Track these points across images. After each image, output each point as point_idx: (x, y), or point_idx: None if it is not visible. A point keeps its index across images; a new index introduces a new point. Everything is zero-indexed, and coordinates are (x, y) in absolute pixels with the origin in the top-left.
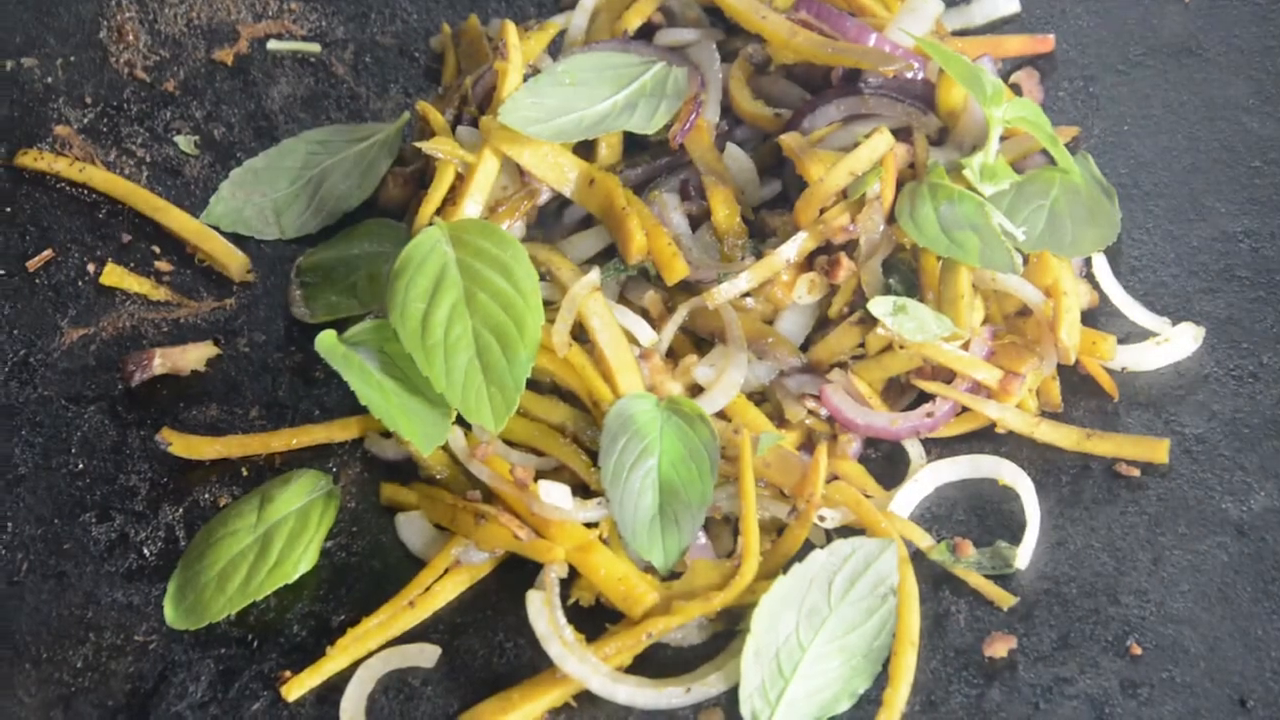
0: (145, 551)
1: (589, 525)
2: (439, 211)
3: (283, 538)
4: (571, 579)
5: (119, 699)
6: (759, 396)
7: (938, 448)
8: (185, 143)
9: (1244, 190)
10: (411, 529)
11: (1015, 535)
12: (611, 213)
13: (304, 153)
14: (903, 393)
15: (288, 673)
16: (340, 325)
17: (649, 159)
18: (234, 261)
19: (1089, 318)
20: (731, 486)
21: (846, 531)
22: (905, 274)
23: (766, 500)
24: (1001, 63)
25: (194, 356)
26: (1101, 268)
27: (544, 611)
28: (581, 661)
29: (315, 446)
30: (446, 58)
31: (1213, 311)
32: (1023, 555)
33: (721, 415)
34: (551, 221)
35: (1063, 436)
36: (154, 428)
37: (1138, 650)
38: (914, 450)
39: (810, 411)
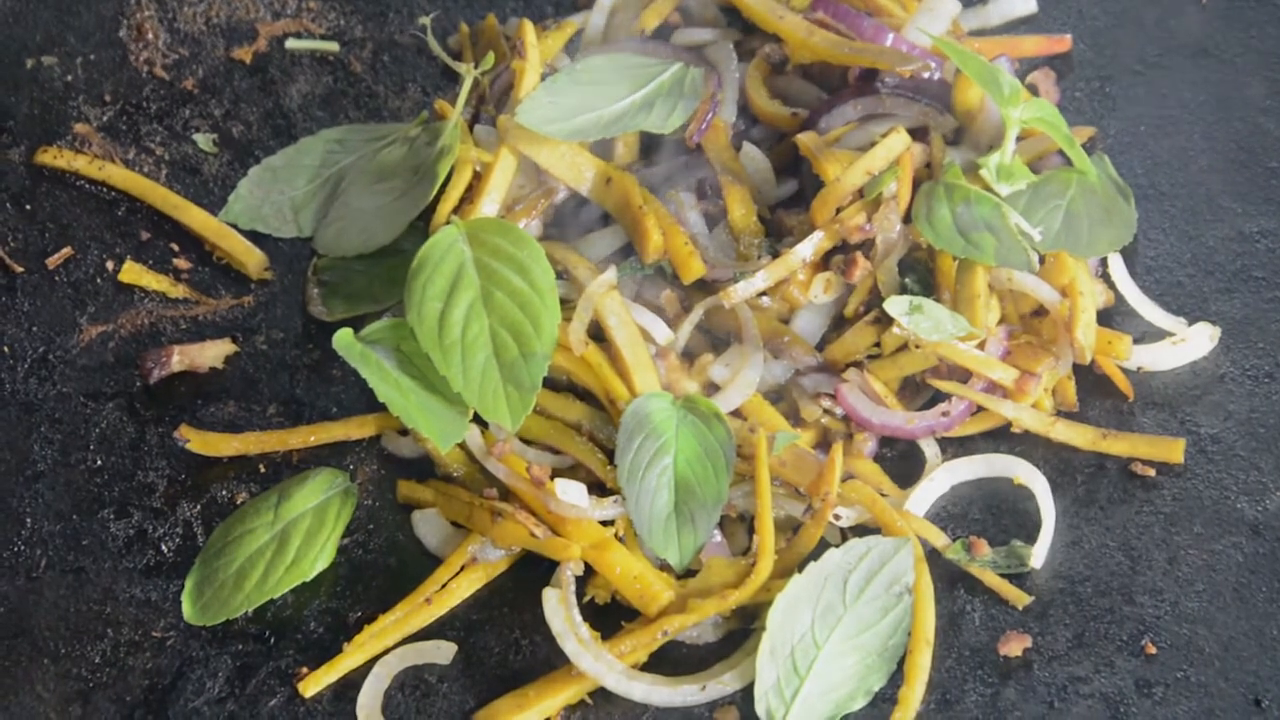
0: (163, 548)
1: (605, 523)
2: (456, 210)
3: (300, 535)
4: (587, 576)
5: (137, 694)
6: (775, 395)
7: (953, 447)
8: (204, 141)
9: (1260, 191)
10: (428, 526)
11: (1030, 534)
12: (628, 211)
13: (322, 151)
14: (918, 392)
15: (305, 669)
16: (357, 323)
17: (666, 158)
18: (252, 259)
19: (1105, 317)
20: (747, 485)
21: (862, 530)
22: (921, 273)
23: (782, 499)
24: (1018, 63)
25: (212, 354)
26: (1117, 268)
27: (560, 609)
28: (597, 659)
29: (332, 444)
30: (465, 56)
31: (1229, 311)
32: (1038, 554)
33: (737, 414)
34: (568, 220)
35: (1078, 436)
36: (172, 425)
37: (1153, 650)
38: (929, 449)
39: (826, 410)
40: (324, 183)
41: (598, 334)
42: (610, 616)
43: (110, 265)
